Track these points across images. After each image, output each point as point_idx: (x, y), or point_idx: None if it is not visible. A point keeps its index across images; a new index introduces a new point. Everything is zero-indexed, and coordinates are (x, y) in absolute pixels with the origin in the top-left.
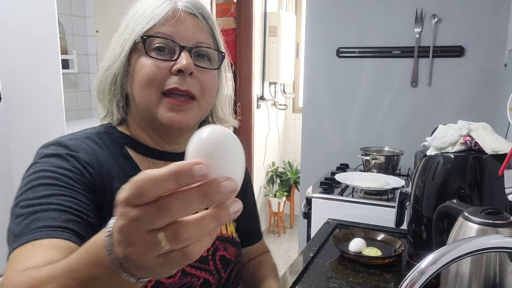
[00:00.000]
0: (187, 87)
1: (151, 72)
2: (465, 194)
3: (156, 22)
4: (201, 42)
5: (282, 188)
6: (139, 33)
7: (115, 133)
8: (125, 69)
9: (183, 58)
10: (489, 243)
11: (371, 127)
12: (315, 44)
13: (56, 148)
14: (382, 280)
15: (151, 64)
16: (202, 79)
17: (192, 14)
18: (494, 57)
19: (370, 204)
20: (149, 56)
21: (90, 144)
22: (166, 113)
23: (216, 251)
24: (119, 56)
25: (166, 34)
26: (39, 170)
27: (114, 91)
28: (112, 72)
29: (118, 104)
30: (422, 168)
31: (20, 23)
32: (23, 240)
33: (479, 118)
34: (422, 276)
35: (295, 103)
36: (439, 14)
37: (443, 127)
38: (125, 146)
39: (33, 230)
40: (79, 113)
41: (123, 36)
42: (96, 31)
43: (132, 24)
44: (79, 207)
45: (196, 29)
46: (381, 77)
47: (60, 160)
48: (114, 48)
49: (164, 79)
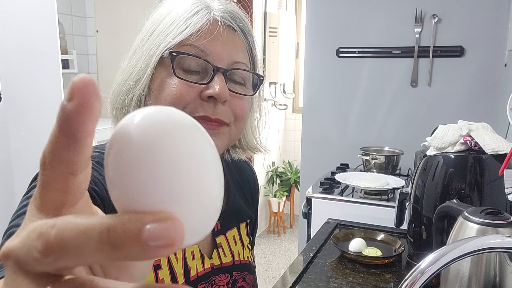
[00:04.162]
0: (218, 116)
1: (178, 94)
2: (465, 194)
3: (189, 35)
4: (237, 62)
5: (282, 188)
6: (167, 46)
7: None
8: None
9: (217, 84)
10: (489, 243)
11: (371, 127)
12: (315, 44)
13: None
14: (382, 280)
15: (177, 85)
16: (235, 106)
17: (230, 28)
18: (494, 57)
19: (370, 204)
20: (176, 76)
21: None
22: None
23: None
24: (144, 73)
25: (199, 51)
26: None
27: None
28: (136, 93)
29: None
30: (422, 168)
31: (20, 23)
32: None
33: (479, 118)
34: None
35: (295, 103)
36: (439, 14)
37: (443, 127)
38: None
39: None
40: None
41: (147, 46)
42: (96, 31)
43: (159, 33)
44: None
45: (233, 47)
46: (381, 77)
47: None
48: (137, 60)
49: (192, 103)
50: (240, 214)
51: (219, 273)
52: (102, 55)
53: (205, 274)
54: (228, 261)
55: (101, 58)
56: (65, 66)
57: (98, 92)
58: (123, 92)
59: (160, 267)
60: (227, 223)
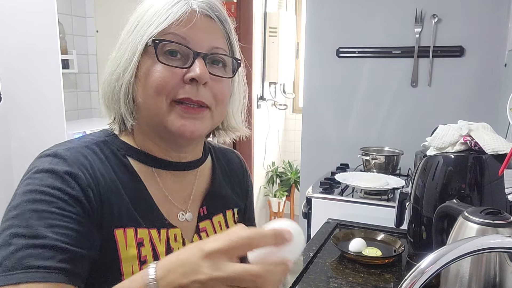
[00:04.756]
0: (200, 98)
1: (162, 79)
2: (465, 194)
3: (170, 24)
4: (216, 47)
5: (282, 188)
6: (150, 35)
7: (116, 142)
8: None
9: (197, 67)
10: (489, 243)
11: (371, 127)
12: (315, 44)
13: (52, 161)
14: (382, 280)
15: (161, 71)
16: (215, 88)
17: (208, 16)
18: (494, 57)
19: (370, 204)
20: (159, 61)
21: (89, 156)
22: (178, 121)
23: None
24: (131, 61)
25: (180, 38)
26: (33, 191)
27: (127, 101)
28: (125, 81)
29: (131, 112)
30: (422, 168)
31: (20, 23)
32: (15, 278)
33: (479, 118)
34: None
35: (295, 103)
36: (439, 14)
37: (443, 127)
38: (127, 156)
39: (27, 268)
40: (79, 113)
41: (132, 37)
42: (96, 31)
43: (143, 24)
44: (74, 241)
45: (211, 33)
46: (381, 77)
47: (56, 179)
48: (124, 50)
49: (175, 87)
50: (227, 202)
51: None
52: (102, 55)
53: None
54: None
55: (101, 58)
56: (65, 66)
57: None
58: (113, 80)
59: (143, 245)
60: (213, 209)
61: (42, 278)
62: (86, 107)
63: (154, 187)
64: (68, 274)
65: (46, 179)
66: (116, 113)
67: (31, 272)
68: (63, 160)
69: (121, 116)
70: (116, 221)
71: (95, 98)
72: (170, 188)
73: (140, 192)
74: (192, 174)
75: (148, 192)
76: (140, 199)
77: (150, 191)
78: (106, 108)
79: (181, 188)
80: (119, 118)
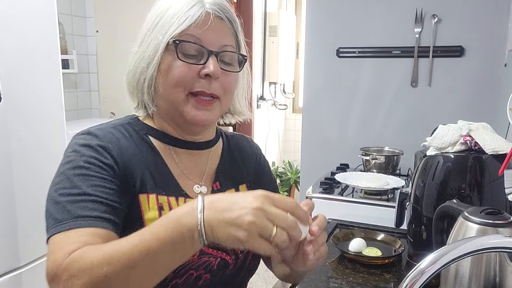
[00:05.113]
0: (212, 91)
1: (181, 74)
2: (465, 194)
3: (188, 26)
4: (226, 45)
5: (282, 188)
6: (171, 35)
7: (138, 124)
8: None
9: (211, 64)
10: (489, 243)
11: (371, 127)
12: (315, 44)
13: (87, 138)
14: (382, 280)
15: (181, 67)
16: (225, 81)
17: (219, 17)
18: (494, 57)
19: (370, 204)
20: (179, 59)
21: (116, 134)
22: (192, 111)
23: None
24: (153, 58)
25: (196, 39)
26: (73, 161)
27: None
28: (148, 74)
29: (152, 100)
30: (422, 168)
31: (20, 23)
32: (67, 225)
33: (479, 118)
34: (422, 276)
35: (295, 103)
36: (439, 14)
37: (443, 127)
38: (148, 135)
39: (76, 218)
40: (79, 113)
41: (154, 34)
42: (96, 31)
43: (164, 24)
44: (111, 197)
45: (222, 32)
46: (381, 77)
47: (91, 151)
48: (147, 46)
49: (192, 81)
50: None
51: None
52: (102, 55)
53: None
54: None
55: (101, 58)
56: (65, 66)
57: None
58: (138, 73)
59: (163, 209)
60: (225, 184)
61: (89, 225)
62: (86, 107)
63: (172, 163)
64: (109, 222)
65: (84, 151)
66: (139, 100)
67: (79, 220)
68: (95, 136)
69: (143, 102)
70: (139, 188)
71: (95, 98)
72: (185, 164)
73: (160, 165)
74: (206, 154)
75: (167, 165)
76: (160, 171)
77: (168, 165)
78: (130, 95)
79: (195, 165)
80: (142, 104)
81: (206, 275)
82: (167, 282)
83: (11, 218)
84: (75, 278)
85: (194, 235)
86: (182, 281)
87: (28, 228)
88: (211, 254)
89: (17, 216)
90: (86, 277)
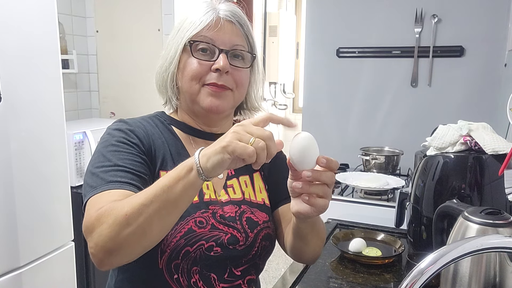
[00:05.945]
0: (223, 82)
1: (195, 69)
2: (465, 194)
3: (202, 28)
4: (236, 45)
5: None
6: (188, 37)
7: (164, 116)
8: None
9: (221, 60)
10: (489, 243)
11: (371, 127)
12: (315, 44)
13: (118, 124)
14: (382, 280)
15: (195, 63)
16: (236, 76)
17: (230, 22)
18: (494, 57)
19: (370, 204)
20: (194, 57)
21: (144, 123)
22: (206, 99)
23: (243, 213)
24: (174, 57)
25: (208, 39)
26: (106, 140)
27: (172, 86)
28: (170, 71)
29: (175, 95)
30: (422, 168)
31: (20, 23)
32: (100, 189)
33: (479, 118)
34: (422, 276)
35: (295, 103)
36: (439, 14)
37: (443, 127)
38: (171, 125)
39: (108, 182)
40: (79, 113)
41: (175, 39)
42: (96, 31)
43: (183, 29)
44: (138, 168)
45: (233, 34)
46: (381, 77)
47: (122, 133)
48: (170, 49)
49: (205, 74)
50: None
51: (228, 204)
52: (102, 55)
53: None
54: (238, 197)
55: (101, 58)
56: (65, 66)
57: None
58: (162, 71)
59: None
60: (239, 171)
61: (119, 187)
62: (86, 107)
63: (191, 149)
64: (136, 187)
65: (115, 134)
66: (166, 96)
67: (110, 184)
68: (125, 123)
69: (168, 98)
70: (161, 165)
71: (95, 98)
72: None
73: (180, 149)
74: None
75: (186, 150)
76: (180, 154)
77: (188, 150)
78: (159, 93)
79: None
80: (168, 100)
81: (217, 248)
82: (179, 249)
83: (11, 218)
84: (104, 224)
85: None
86: (193, 249)
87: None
88: (221, 230)
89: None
90: (111, 219)
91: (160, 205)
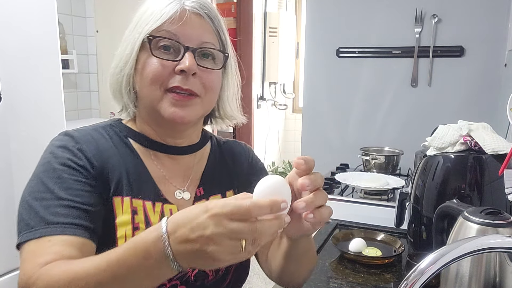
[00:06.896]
0: (189, 86)
1: (156, 70)
2: (465, 194)
3: (163, 22)
4: (205, 42)
5: None
6: (147, 32)
7: (119, 126)
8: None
9: (187, 59)
10: (489, 243)
11: (371, 127)
12: (315, 44)
13: (63, 139)
14: (382, 280)
15: (156, 63)
16: (205, 78)
17: (198, 15)
18: (494, 57)
19: (370, 204)
20: (154, 55)
21: (95, 136)
22: (169, 108)
23: None
24: (130, 56)
25: (171, 34)
26: (47, 163)
27: (129, 91)
28: (125, 73)
29: (132, 101)
30: (422, 168)
31: (20, 23)
32: (38, 233)
33: (479, 118)
34: (422, 276)
35: (295, 103)
36: (439, 14)
37: (443, 127)
38: (128, 138)
39: (47, 224)
40: (79, 113)
41: (132, 35)
42: (96, 31)
43: (141, 23)
44: (85, 200)
45: (201, 30)
46: (381, 77)
47: (67, 153)
48: (126, 46)
49: (168, 77)
50: (226, 183)
51: None
52: (102, 55)
53: None
54: None
55: (101, 58)
56: (65, 66)
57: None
58: (116, 73)
59: (137, 213)
60: (209, 190)
61: (61, 232)
62: (86, 107)
63: (152, 166)
64: (82, 228)
65: (58, 153)
66: (123, 104)
67: (51, 227)
68: (72, 138)
69: (124, 105)
70: (115, 190)
71: (95, 98)
72: (168, 168)
73: (139, 168)
74: (191, 158)
75: (147, 169)
76: (138, 174)
77: (149, 169)
78: (114, 98)
79: (179, 170)
80: (124, 107)
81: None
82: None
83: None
84: None
85: (167, 265)
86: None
87: None
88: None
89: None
90: None
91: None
